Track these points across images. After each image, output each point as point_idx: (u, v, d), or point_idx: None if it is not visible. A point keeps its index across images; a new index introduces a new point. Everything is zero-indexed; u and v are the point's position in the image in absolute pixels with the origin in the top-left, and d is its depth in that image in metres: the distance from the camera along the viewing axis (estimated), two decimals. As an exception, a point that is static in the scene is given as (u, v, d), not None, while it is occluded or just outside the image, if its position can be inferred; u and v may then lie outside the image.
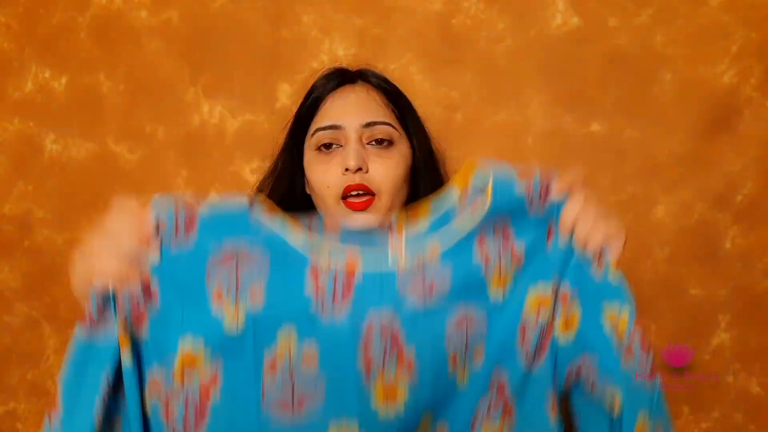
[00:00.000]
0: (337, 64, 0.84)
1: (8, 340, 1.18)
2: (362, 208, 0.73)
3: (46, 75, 1.16)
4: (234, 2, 1.10)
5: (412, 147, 0.81)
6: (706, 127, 1.01)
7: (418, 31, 1.07)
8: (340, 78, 0.81)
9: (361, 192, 0.73)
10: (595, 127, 1.04)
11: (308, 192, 0.82)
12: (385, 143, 0.76)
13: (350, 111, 0.77)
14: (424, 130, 0.85)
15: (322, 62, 1.06)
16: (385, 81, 0.83)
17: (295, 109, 0.82)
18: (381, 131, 0.76)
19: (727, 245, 1.02)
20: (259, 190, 0.86)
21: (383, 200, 0.74)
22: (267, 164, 0.86)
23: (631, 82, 1.02)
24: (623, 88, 1.03)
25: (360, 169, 0.73)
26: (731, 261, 1.02)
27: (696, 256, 1.03)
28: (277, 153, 0.86)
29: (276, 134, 0.84)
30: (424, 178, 0.81)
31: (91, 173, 1.15)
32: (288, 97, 1.08)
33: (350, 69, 0.84)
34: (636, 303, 1.01)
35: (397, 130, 0.78)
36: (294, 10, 1.09)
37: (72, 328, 1.15)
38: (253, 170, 1.09)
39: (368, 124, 0.76)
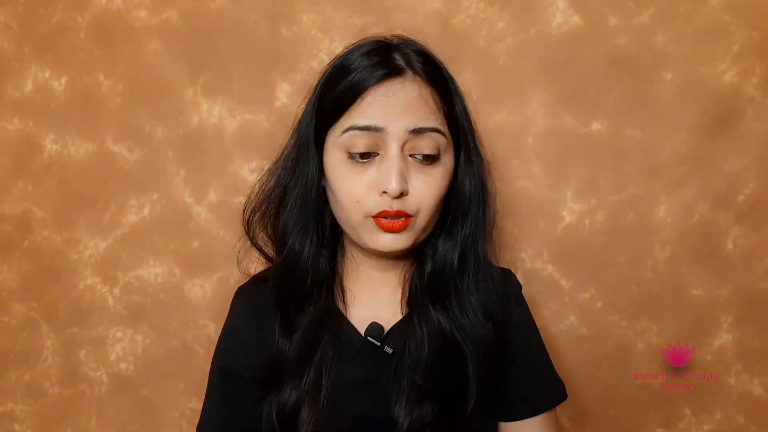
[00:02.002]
0: (374, 36, 0.72)
1: (6, 340, 1.18)
2: (397, 230, 0.65)
3: (46, 75, 1.15)
4: (233, 2, 1.10)
5: (456, 153, 0.71)
6: (708, 126, 1.01)
7: (418, 31, 1.06)
8: (385, 68, 0.67)
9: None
10: (595, 126, 1.03)
11: (323, 184, 0.71)
12: (430, 159, 0.66)
13: (396, 112, 0.65)
14: (474, 134, 0.75)
15: (321, 62, 1.05)
16: (436, 68, 0.71)
17: (298, 105, 0.75)
18: (428, 142, 0.66)
19: (729, 245, 1.02)
20: (269, 186, 0.75)
21: (419, 221, 0.66)
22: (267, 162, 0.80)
23: (631, 81, 1.02)
24: (624, 87, 1.02)
25: (402, 193, 0.64)
26: (733, 261, 1.02)
27: (697, 257, 1.02)
28: (291, 131, 0.74)
29: (275, 134, 0.83)
30: (467, 197, 0.71)
31: (90, 173, 1.14)
32: (287, 97, 1.08)
33: (392, 44, 0.71)
34: (637, 303, 1.01)
35: (445, 137, 0.68)
36: (294, 10, 1.09)
37: (70, 329, 1.15)
38: (252, 170, 1.09)
39: (416, 130, 0.65)
